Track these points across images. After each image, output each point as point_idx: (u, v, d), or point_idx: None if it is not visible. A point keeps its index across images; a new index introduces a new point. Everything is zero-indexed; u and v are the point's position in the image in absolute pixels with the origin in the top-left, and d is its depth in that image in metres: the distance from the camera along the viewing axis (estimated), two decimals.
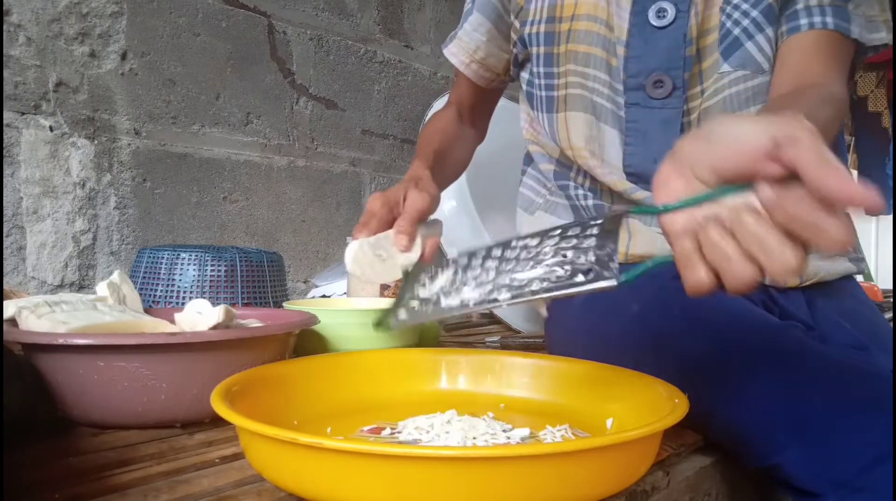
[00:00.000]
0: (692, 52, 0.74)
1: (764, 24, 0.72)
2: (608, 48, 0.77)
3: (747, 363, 0.57)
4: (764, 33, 0.73)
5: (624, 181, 0.78)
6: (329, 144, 1.46)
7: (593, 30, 0.78)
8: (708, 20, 0.73)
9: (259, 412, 0.48)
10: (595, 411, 0.56)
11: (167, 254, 0.93)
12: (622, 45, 0.76)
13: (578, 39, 0.79)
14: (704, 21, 0.73)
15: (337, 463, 0.38)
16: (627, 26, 0.75)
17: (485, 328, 1.33)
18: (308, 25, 1.41)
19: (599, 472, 0.41)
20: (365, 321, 0.82)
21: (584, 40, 0.78)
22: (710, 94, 0.75)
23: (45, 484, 0.44)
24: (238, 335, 0.61)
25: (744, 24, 0.72)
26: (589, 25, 0.78)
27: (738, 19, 0.73)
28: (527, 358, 0.65)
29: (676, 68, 0.74)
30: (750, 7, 0.72)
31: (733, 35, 0.73)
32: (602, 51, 0.77)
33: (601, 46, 0.77)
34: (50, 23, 1.05)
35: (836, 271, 0.77)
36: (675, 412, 0.45)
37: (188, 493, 0.44)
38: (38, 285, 1.05)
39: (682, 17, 0.73)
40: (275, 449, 0.41)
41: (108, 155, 1.12)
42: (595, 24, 0.77)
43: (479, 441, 0.49)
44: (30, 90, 1.03)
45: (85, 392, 0.56)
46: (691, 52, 0.74)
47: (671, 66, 0.74)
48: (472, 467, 0.37)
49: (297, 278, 1.41)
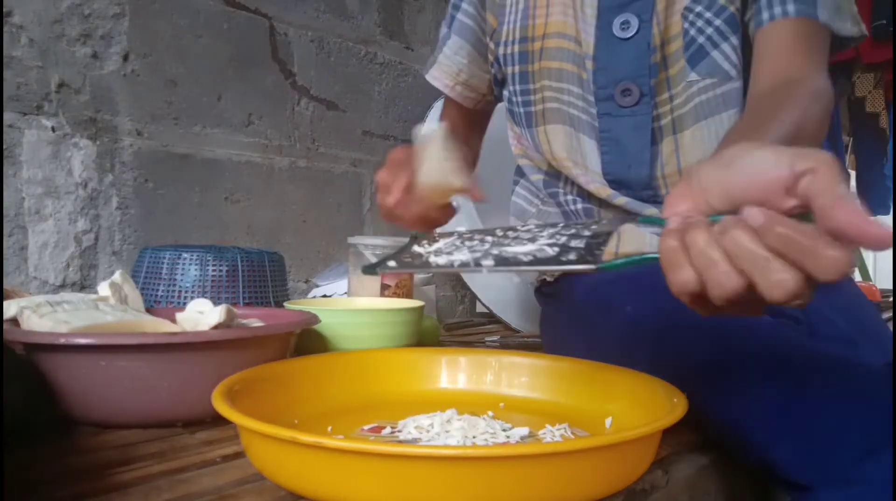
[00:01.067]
0: (657, 59, 0.76)
1: (728, 32, 0.73)
2: (578, 62, 0.80)
3: (739, 360, 0.57)
4: (728, 41, 0.74)
5: (606, 188, 0.80)
6: (330, 145, 1.46)
7: (563, 46, 0.81)
8: (670, 28, 0.75)
9: (260, 411, 0.48)
10: (594, 410, 0.57)
11: (169, 254, 0.93)
12: (590, 59, 0.78)
13: (550, 56, 0.81)
14: (667, 29, 0.75)
15: (337, 462, 0.39)
16: (594, 41, 0.78)
17: (484, 327, 1.34)
18: (309, 27, 1.41)
19: (599, 471, 0.41)
20: (365, 320, 0.82)
21: (556, 57, 0.81)
22: (682, 102, 0.77)
23: (46, 483, 0.45)
24: (239, 335, 0.61)
25: (707, 32, 0.73)
26: (559, 42, 0.81)
27: (701, 27, 0.74)
28: (526, 358, 0.65)
29: (642, 76, 0.76)
30: (713, 16, 0.73)
31: (698, 43, 0.74)
32: (573, 65, 0.80)
33: (571, 61, 0.80)
34: (52, 24, 1.05)
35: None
36: (674, 411, 0.45)
37: (189, 492, 0.44)
38: (39, 285, 1.05)
39: (646, 27, 0.75)
40: (275, 448, 0.41)
41: (110, 155, 1.12)
42: (564, 41, 0.80)
43: (478, 441, 0.49)
44: (32, 91, 1.04)
45: (86, 392, 0.56)
46: (656, 59, 0.76)
47: (637, 74, 0.76)
48: (471, 466, 0.37)
49: (299, 278, 1.41)
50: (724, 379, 0.56)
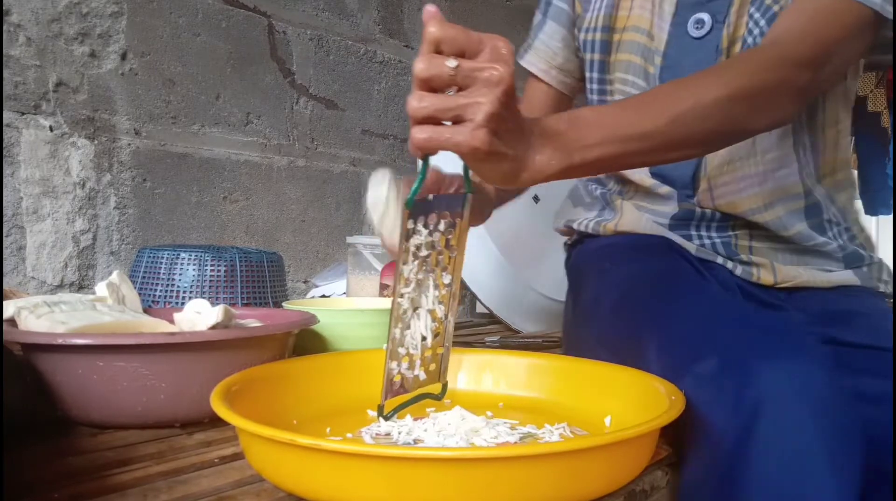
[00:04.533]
0: (722, 61, 0.75)
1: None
2: (647, 56, 0.81)
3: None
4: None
5: (650, 178, 0.82)
6: (329, 144, 1.46)
7: (636, 40, 0.82)
8: (737, 30, 0.75)
9: (259, 412, 0.48)
10: (593, 409, 0.57)
11: (167, 254, 0.93)
12: (659, 55, 0.79)
13: (625, 49, 0.83)
14: (736, 30, 0.75)
15: (334, 464, 0.38)
16: (666, 37, 0.78)
17: (484, 327, 1.33)
18: (308, 25, 1.41)
19: (597, 470, 0.41)
20: (364, 321, 0.82)
21: (629, 49, 0.82)
22: None
23: (44, 484, 0.45)
24: (237, 335, 0.61)
25: (755, 33, 0.73)
26: (633, 36, 0.82)
27: (751, 28, 0.74)
28: (526, 358, 0.65)
29: None
30: (760, 16, 0.73)
31: (748, 45, 0.74)
32: (641, 59, 0.81)
33: (640, 54, 0.81)
34: (50, 23, 1.05)
35: (825, 280, 0.77)
36: (672, 409, 0.45)
37: (187, 493, 0.44)
38: (37, 285, 1.05)
39: (718, 28, 0.76)
40: (273, 450, 0.41)
41: (107, 155, 1.12)
42: (638, 35, 0.81)
43: (478, 441, 0.49)
44: (30, 90, 1.03)
45: (84, 392, 0.56)
46: (721, 62, 0.75)
47: None
48: (469, 468, 0.37)
49: (297, 278, 1.41)
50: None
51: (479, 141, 0.44)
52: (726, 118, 0.58)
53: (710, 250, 0.79)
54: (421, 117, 0.44)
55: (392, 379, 0.52)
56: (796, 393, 0.46)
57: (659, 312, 0.62)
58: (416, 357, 0.53)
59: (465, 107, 0.43)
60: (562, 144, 0.50)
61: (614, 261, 0.78)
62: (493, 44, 0.44)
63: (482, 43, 0.44)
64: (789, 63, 0.61)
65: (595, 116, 0.53)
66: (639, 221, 0.82)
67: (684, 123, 0.55)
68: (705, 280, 0.72)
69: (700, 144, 0.60)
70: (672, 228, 0.80)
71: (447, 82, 0.44)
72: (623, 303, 0.69)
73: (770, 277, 0.76)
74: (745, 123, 0.61)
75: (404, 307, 0.51)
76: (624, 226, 0.83)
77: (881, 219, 2.93)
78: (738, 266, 0.77)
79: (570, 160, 0.50)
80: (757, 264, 0.77)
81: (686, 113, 0.55)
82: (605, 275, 0.77)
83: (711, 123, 0.57)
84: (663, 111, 0.55)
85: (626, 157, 0.54)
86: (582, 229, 0.88)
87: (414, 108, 0.44)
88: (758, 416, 0.46)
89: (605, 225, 0.84)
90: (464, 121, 0.44)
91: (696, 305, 0.61)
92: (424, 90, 0.44)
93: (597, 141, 0.51)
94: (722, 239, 0.79)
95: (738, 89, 0.58)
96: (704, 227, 0.80)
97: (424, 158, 0.47)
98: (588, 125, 0.52)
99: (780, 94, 0.61)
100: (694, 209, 0.79)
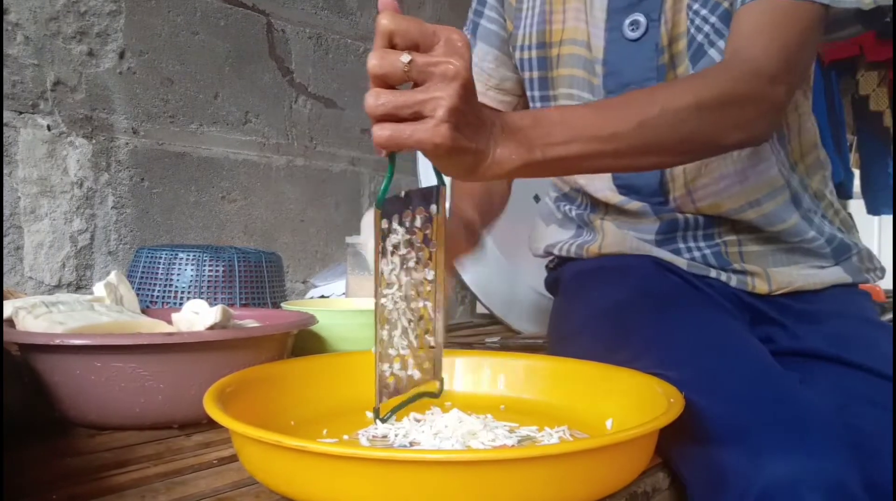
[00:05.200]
0: (665, 60, 0.75)
1: (723, 29, 0.72)
2: (588, 68, 0.79)
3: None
4: (724, 39, 0.72)
5: (616, 194, 0.81)
6: (328, 144, 1.46)
7: (575, 52, 0.80)
8: (677, 26, 0.74)
9: (255, 413, 0.48)
10: (594, 411, 0.56)
11: (165, 254, 0.93)
12: (599, 64, 0.78)
13: (565, 63, 0.81)
14: (674, 27, 0.74)
15: (323, 467, 0.38)
16: (604, 44, 0.77)
17: (485, 328, 1.33)
18: (307, 24, 1.41)
19: (596, 472, 0.41)
20: (364, 321, 0.82)
21: (569, 63, 0.81)
22: None
23: (42, 485, 0.44)
24: (235, 336, 0.60)
25: (705, 30, 0.72)
26: (572, 49, 0.80)
27: (699, 25, 0.73)
28: (526, 359, 0.65)
29: (650, 79, 0.75)
30: (709, 13, 0.72)
31: (697, 41, 0.73)
32: (584, 71, 0.80)
33: (582, 67, 0.80)
34: (48, 22, 1.05)
35: (819, 281, 0.77)
36: (671, 410, 0.45)
37: (185, 494, 0.44)
38: (35, 285, 1.04)
39: (654, 27, 0.75)
40: (263, 452, 0.41)
41: (105, 154, 1.12)
42: (576, 47, 0.80)
43: (475, 444, 0.49)
44: (27, 89, 1.03)
45: (82, 393, 0.56)
46: (664, 60, 0.75)
47: (645, 77, 0.75)
48: (464, 471, 0.37)
49: (296, 278, 1.40)
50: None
51: (442, 137, 0.43)
52: (696, 128, 0.57)
53: (702, 263, 0.77)
54: (380, 115, 0.44)
55: (385, 382, 0.51)
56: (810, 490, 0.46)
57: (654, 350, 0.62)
58: (408, 357, 0.52)
59: (423, 103, 0.43)
60: (524, 139, 0.49)
61: (601, 289, 0.77)
62: (447, 36, 0.43)
63: (436, 35, 0.43)
64: (764, 79, 0.60)
65: (560, 114, 0.53)
66: (623, 240, 0.80)
67: (652, 128, 0.54)
68: (701, 301, 0.72)
69: (669, 152, 0.58)
70: (659, 243, 0.79)
71: (402, 78, 0.43)
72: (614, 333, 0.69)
73: (765, 285, 0.75)
74: (716, 136, 0.59)
75: (389, 308, 0.50)
76: (608, 248, 0.81)
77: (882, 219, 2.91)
78: (733, 277, 0.76)
79: (532, 156, 0.49)
80: (751, 272, 0.76)
81: (653, 119, 0.54)
82: (593, 303, 0.75)
83: (681, 131, 0.56)
84: (630, 115, 0.54)
85: (589, 158, 0.53)
86: (564, 253, 0.86)
87: (371, 106, 0.43)
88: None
89: (588, 247, 0.83)
90: (423, 117, 0.43)
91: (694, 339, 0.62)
92: (380, 86, 0.44)
93: (560, 139, 0.50)
94: (711, 249, 0.77)
95: (707, 98, 0.57)
96: (691, 237, 0.78)
97: (391, 156, 0.47)
98: (552, 123, 0.51)
99: (753, 108, 0.60)
100: (676, 218, 0.78)
